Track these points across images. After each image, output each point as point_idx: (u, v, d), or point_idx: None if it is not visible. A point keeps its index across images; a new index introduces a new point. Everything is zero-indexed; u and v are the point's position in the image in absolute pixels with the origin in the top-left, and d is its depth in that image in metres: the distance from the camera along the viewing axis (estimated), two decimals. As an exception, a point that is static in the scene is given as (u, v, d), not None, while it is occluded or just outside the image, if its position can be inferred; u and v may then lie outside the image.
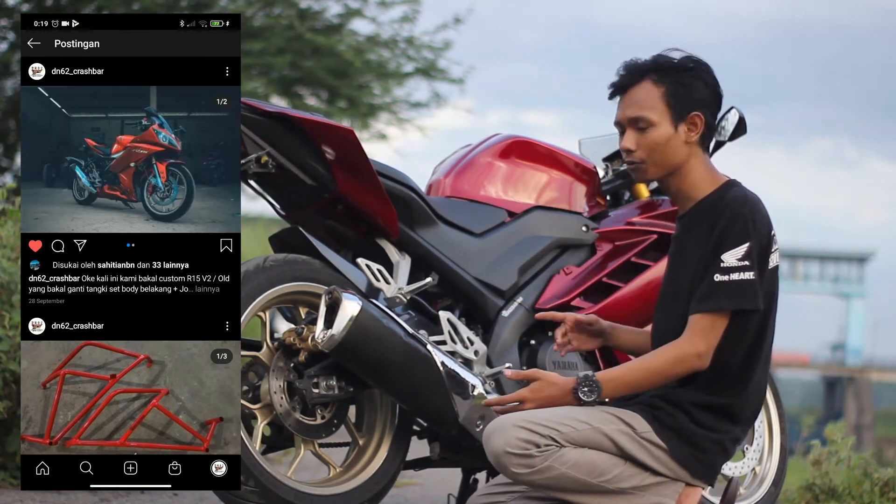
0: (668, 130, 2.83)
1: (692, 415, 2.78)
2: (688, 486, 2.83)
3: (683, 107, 2.83)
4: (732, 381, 2.79)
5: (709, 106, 2.85)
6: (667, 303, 2.88)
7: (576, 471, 2.71)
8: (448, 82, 12.95)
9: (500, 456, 2.70)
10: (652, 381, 2.76)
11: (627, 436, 2.76)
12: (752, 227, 2.75)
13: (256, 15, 12.14)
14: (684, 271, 2.84)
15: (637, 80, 2.85)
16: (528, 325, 3.57)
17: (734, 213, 2.76)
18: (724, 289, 2.72)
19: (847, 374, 52.00)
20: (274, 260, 3.18)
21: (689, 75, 2.85)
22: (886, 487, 4.37)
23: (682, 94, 2.83)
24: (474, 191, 3.64)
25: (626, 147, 2.86)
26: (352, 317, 3.02)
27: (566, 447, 2.71)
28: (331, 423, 3.22)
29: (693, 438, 2.78)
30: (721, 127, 3.85)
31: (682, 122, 2.83)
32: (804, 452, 5.20)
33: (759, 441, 3.87)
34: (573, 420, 2.73)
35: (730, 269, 2.73)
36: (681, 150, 2.85)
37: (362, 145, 3.27)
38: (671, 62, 2.85)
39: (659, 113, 2.83)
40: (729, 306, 2.73)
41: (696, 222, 2.84)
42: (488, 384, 3.37)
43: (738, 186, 2.85)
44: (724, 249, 2.74)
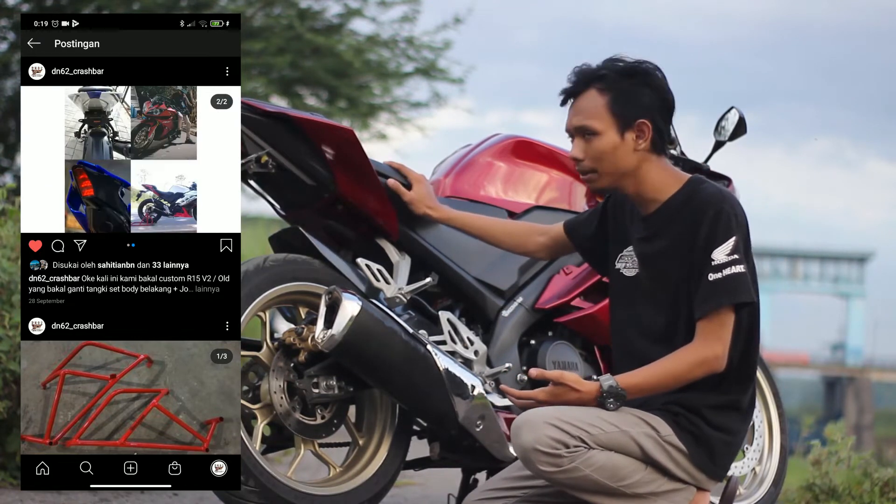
0: (614, 139, 2.84)
1: (708, 418, 2.83)
2: (699, 491, 2.86)
3: (629, 115, 2.83)
4: (737, 376, 2.83)
5: (657, 112, 2.85)
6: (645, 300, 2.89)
7: (599, 474, 2.74)
8: (448, 82, 12.95)
9: (528, 451, 2.72)
10: (672, 386, 2.79)
11: (652, 439, 2.79)
12: (735, 221, 2.79)
13: (256, 15, 12.13)
14: (668, 268, 2.85)
15: (583, 88, 2.87)
16: (528, 325, 3.57)
17: (716, 211, 2.78)
18: (720, 286, 2.76)
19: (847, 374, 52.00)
20: (274, 260, 3.18)
21: (634, 82, 2.84)
22: (886, 487, 4.37)
23: (627, 102, 2.83)
24: (474, 191, 3.64)
25: (574, 156, 2.89)
26: (352, 317, 3.02)
27: (594, 450, 2.73)
28: (331, 423, 3.22)
29: (710, 442, 2.83)
30: (721, 127, 3.85)
31: (628, 129, 2.84)
32: (804, 452, 5.20)
33: (759, 441, 3.88)
34: (603, 422, 2.76)
35: (721, 265, 2.76)
36: (629, 157, 2.85)
37: (362, 145, 3.27)
38: (616, 69, 2.85)
39: (604, 122, 2.84)
40: (728, 302, 2.76)
41: (669, 220, 2.86)
42: (488, 384, 3.37)
43: (705, 182, 2.87)
44: (714, 247, 2.77)
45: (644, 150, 2.85)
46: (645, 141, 2.84)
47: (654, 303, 2.88)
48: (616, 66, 2.85)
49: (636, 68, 2.85)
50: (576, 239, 3.16)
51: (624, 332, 2.94)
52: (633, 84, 2.84)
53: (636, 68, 2.85)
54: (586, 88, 2.86)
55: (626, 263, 2.95)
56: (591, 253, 3.12)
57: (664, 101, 2.86)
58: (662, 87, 2.86)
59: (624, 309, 2.95)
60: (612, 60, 2.87)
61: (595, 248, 3.08)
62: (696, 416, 2.82)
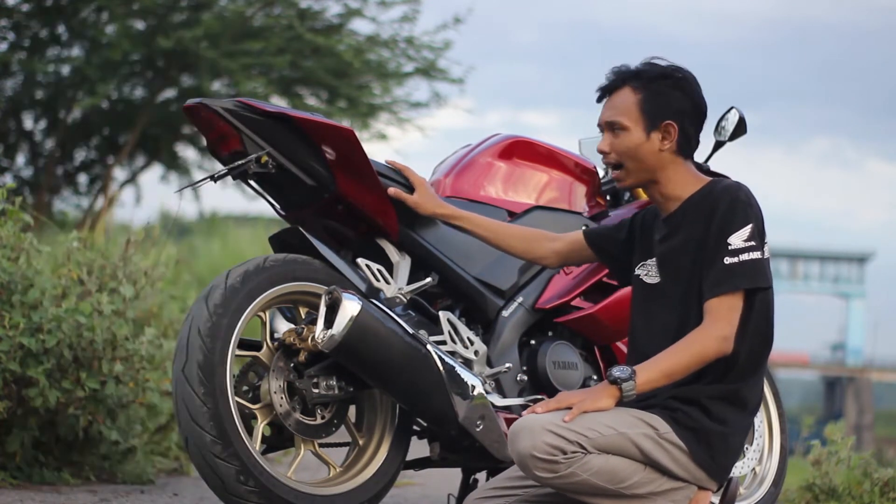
0: (640, 137, 2.90)
1: (708, 410, 2.83)
2: (700, 490, 2.86)
3: (657, 115, 2.89)
4: (743, 368, 2.84)
5: (687, 116, 2.91)
6: (663, 305, 2.90)
7: (597, 478, 2.75)
8: (448, 82, 12.93)
9: (525, 458, 2.72)
10: (682, 372, 2.78)
11: (651, 439, 2.79)
12: (751, 209, 2.83)
13: (256, 15, 12.13)
14: (683, 263, 2.87)
15: (619, 85, 2.94)
16: (529, 325, 3.57)
17: (732, 199, 2.83)
18: (738, 270, 2.78)
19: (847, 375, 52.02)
20: (274, 260, 3.17)
21: (667, 84, 2.90)
22: (886, 487, 4.37)
23: (658, 103, 2.89)
24: (474, 191, 3.64)
25: (601, 149, 2.96)
26: (352, 317, 3.01)
27: (591, 454, 2.73)
28: (331, 423, 3.22)
29: (710, 438, 2.83)
30: (721, 127, 3.85)
31: (655, 130, 2.90)
32: (804, 452, 5.20)
33: (759, 441, 3.87)
34: (600, 425, 2.75)
35: (738, 250, 2.79)
36: (653, 157, 2.91)
37: (362, 145, 3.27)
38: (654, 70, 2.91)
39: (632, 119, 2.91)
40: (745, 285, 2.79)
41: (686, 217, 2.90)
42: (488, 384, 3.37)
43: (724, 181, 2.92)
44: (730, 233, 2.80)
45: (669, 151, 2.90)
46: (670, 142, 2.90)
47: (670, 306, 2.89)
48: (653, 68, 2.92)
49: (671, 72, 2.91)
50: (598, 246, 3.20)
51: (640, 337, 2.96)
52: (665, 86, 2.90)
53: (671, 72, 2.91)
54: (622, 86, 2.93)
55: (648, 271, 2.98)
56: (616, 261, 3.16)
57: (696, 107, 2.92)
58: (696, 93, 2.92)
59: (641, 315, 2.97)
60: (650, 62, 2.94)
61: (620, 256, 3.12)
62: (694, 409, 2.81)
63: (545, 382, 3.50)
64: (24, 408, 3.92)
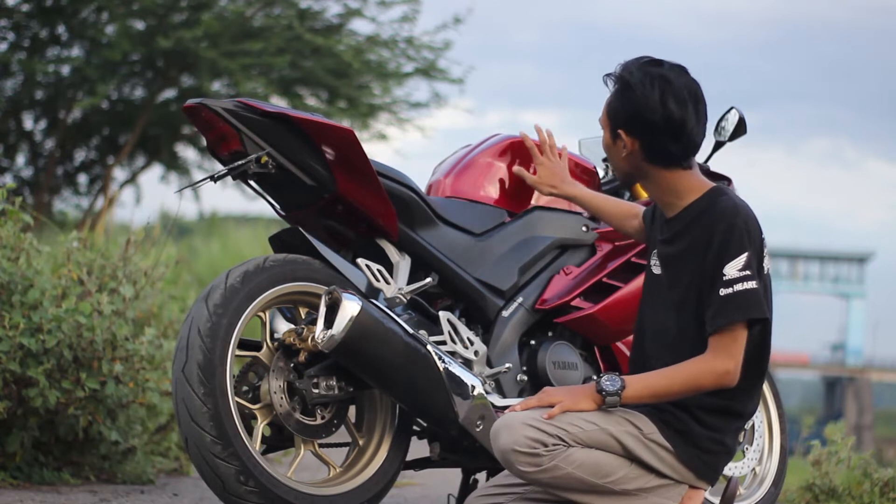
0: (608, 139, 2.87)
1: (698, 417, 2.80)
2: (691, 488, 2.84)
3: (615, 121, 2.82)
4: (740, 387, 2.79)
5: (638, 127, 2.78)
6: (663, 302, 2.88)
7: (581, 471, 2.72)
8: (448, 82, 12.94)
9: (507, 453, 2.71)
10: (677, 395, 2.75)
11: (634, 437, 2.76)
12: (748, 236, 2.75)
13: (256, 15, 12.13)
14: (682, 272, 2.84)
15: (605, 83, 2.87)
16: (528, 325, 3.57)
17: (729, 226, 2.75)
18: (732, 301, 2.72)
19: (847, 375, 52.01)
20: (274, 260, 3.17)
21: (619, 90, 2.81)
22: (886, 487, 4.38)
23: (613, 109, 2.83)
24: (474, 191, 3.64)
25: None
26: (352, 317, 3.01)
27: (573, 447, 2.71)
28: (331, 424, 3.22)
29: (698, 440, 2.80)
30: (721, 127, 3.85)
31: (617, 137, 2.84)
32: (804, 452, 5.21)
33: (759, 441, 3.87)
34: (582, 420, 2.74)
35: (733, 281, 2.72)
36: (623, 163, 2.86)
37: (362, 145, 3.27)
38: (626, 74, 2.80)
39: (604, 120, 2.88)
40: (740, 317, 2.72)
41: (687, 226, 2.84)
42: (488, 384, 3.37)
43: (725, 194, 2.83)
44: (725, 262, 2.73)
45: (639, 159, 2.82)
46: (627, 151, 2.82)
47: (669, 304, 2.87)
48: (628, 72, 2.80)
49: (625, 77, 2.79)
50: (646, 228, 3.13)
51: (643, 330, 2.93)
52: (617, 92, 2.82)
53: (625, 77, 2.79)
54: (608, 84, 2.86)
55: (656, 261, 2.94)
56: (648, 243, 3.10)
57: (643, 118, 2.77)
58: (642, 103, 2.76)
59: (647, 307, 2.94)
60: (632, 62, 2.82)
61: (648, 239, 3.07)
62: (684, 414, 2.79)
63: (545, 382, 3.50)
64: (24, 408, 3.92)
